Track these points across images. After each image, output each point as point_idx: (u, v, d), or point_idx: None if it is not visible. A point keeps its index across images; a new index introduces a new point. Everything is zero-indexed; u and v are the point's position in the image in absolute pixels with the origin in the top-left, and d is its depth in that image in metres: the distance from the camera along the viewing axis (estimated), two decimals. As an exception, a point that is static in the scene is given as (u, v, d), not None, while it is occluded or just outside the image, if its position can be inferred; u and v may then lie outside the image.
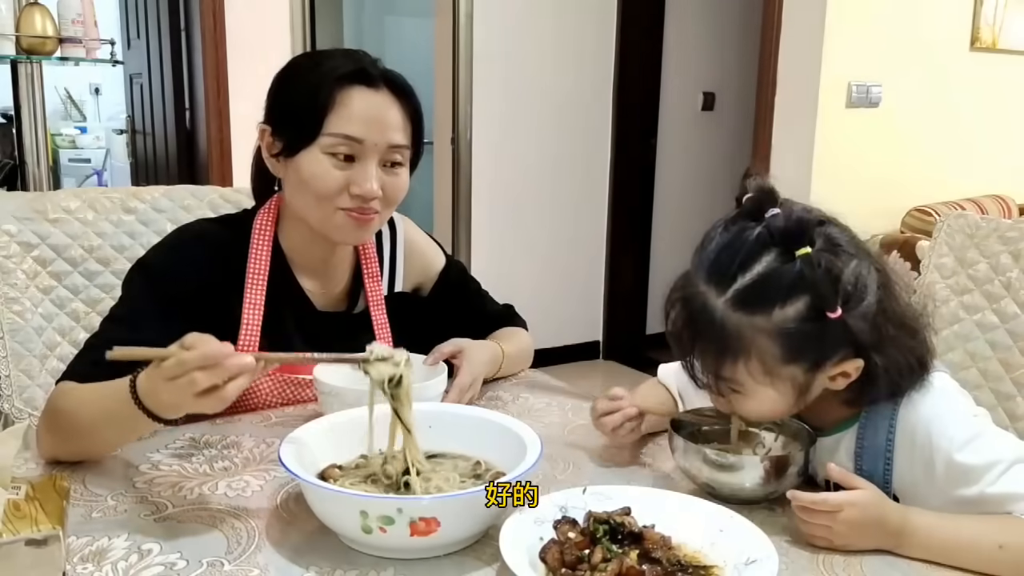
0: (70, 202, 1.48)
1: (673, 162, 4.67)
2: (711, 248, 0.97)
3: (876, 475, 1.00)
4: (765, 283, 0.92)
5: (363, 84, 1.22)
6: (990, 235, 1.37)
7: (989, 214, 3.68)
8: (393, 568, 0.86)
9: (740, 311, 0.93)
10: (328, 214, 1.23)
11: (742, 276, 0.93)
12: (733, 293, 0.93)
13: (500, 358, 1.39)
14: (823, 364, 0.95)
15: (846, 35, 3.47)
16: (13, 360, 1.39)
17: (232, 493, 1.02)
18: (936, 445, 0.95)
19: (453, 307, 1.48)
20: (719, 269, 0.95)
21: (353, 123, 1.20)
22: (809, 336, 0.92)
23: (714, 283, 0.94)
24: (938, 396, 0.98)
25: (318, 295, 1.35)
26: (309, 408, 1.29)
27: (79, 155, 6.05)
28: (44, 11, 2.75)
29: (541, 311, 3.94)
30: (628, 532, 0.86)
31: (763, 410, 1.00)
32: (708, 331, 0.95)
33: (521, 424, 1.01)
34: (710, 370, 0.97)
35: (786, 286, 0.91)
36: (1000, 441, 0.95)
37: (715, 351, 0.95)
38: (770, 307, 0.92)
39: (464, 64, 3.93)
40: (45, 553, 0.80)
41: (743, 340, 0.93)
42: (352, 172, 1.21)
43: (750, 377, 0.95)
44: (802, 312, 0.92)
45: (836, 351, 0.94)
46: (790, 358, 0.93)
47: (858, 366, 0.95)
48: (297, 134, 1.21)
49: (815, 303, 0.91)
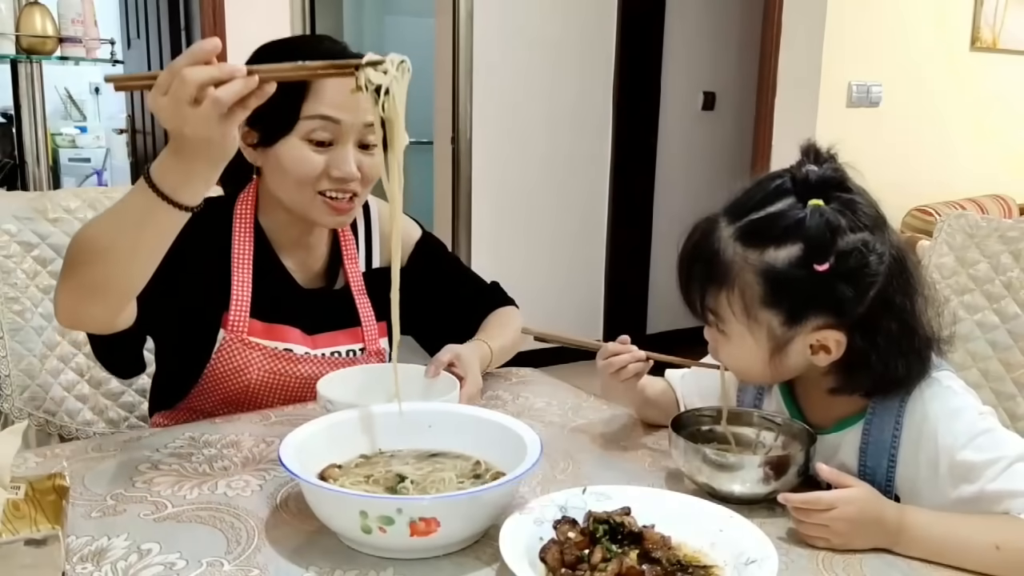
0: (70, 202, 1.49)
1: (673, 162, 4.67)
2: (745, 187, 1.01)
3: (879, 472, 1.00)
4: (769, 222, 0.95)
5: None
6: (990, 235, 1.37)
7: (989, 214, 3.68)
8: (393, 568, 0.86)
9: (739, 242, 0.97)
10: (308, 199, 1.25)
11: (755, 213, 0.96)
12: (741, 225, 0.97)
13: (488, 357, 1.38)
14: (800, 321, 0.96)
15: (846, 35, 3.47)
16: (13, 360, 1.39)
17: (232, 493, 1.02)
18: (941, 443, 0.95)
19: (434, 277, 1.47)
20: (739, 204, 0.99)
21: (329, 105, 1.21)
22: (792, 282, 0.94)
23: (730, 215, 0.99)
24: (946, 394, 0.98)
25: (299, 272, 1.37)
26: (309, 407, 1.29)
27: (79, 155, 6.04)
28: (44, 11, 2.75)
29: (541, 311, 3.93)
30: (628, 532, 0.86)
31: (741, 357, 1.01)
32: (707, 255, 0.99)
33: (521, 424, 1.01)
34: (699, 295, 1.00)
35: (785, 228, 0.94)
36: (1004, 439, 0.95)
37: (706, 276, 0.99)
38: (766, 245, 0.95)
39: (464, 64, 3.93)
40: (44, 553, 0.80)
41: (732, 271, 0.96)
42: (331, 156, 1.23)
43: (731, 313, 0.98)
44: (793, 257, 0.94)
45: (815, 310, 0.95)
46: (769, 300, 0.96)
47: (838, 340, 0.96)
48: (274, 123, 1.22)
49: (807, 251, 0.93)
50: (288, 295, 1.35)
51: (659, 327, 4.67)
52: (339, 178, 1.23)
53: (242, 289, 1.29)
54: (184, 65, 0.85)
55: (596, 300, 4.58)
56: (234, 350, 1.28)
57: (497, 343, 1.41)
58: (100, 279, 1.01)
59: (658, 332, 4.65)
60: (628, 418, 1.30)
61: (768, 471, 0.99)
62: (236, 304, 1.28)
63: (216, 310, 1.28)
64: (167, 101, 0.87)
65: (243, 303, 1.29)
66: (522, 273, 4.20)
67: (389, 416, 1.06)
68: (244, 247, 1.31)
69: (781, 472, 0.99)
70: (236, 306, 1.28)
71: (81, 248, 1.01)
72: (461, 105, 3.96)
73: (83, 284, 1.02)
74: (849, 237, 0.93)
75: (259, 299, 1.30)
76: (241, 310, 1.29)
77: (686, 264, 1.03)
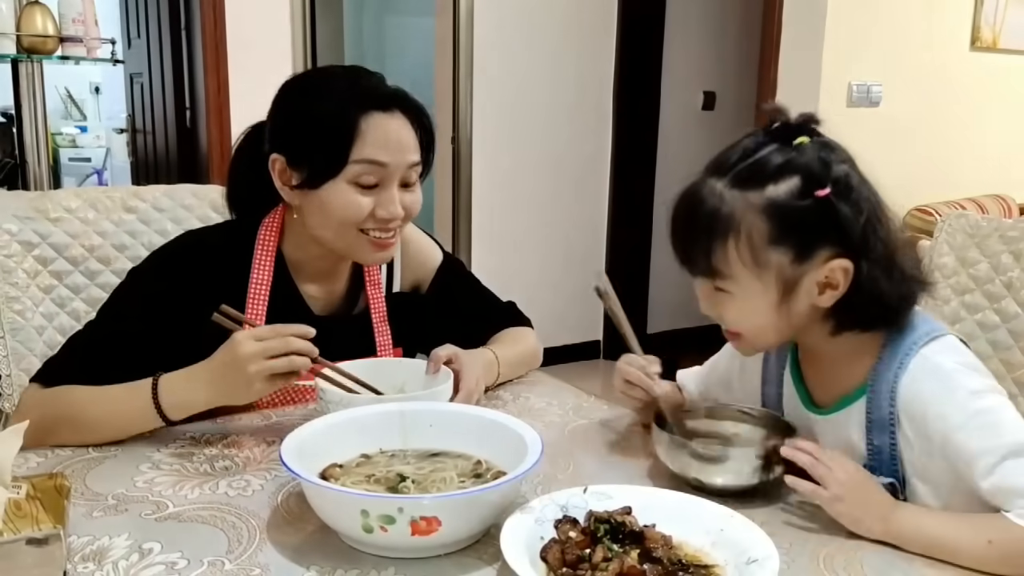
0: (71, 201, 1.48)
1: (673, 162, 4.66)
2: (715, 155, 1.02)
3: (884, 449, 1.02)
4: (761, 164, 0.97)
5: (379, 109, 1.22)
6: (991, 235, 1.37)
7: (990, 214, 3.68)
8: (394, 567, 0.86)
9: (735, 188, 0.97)
10: (352, 239, 1.25)
11: (743, 163, 0.98)
12: (730, 176, 0.98)
13: (495, 364, 1.38)
14: (810, 255, 0.97)
15: (846, 35, 3.47)
16: (14, 359, 1.39)
17: (233, 492, 1.02)
18: (932, 428, 0.97)
19: (454, 303, 1.47)
20: (723, 161, 1.00)
21: (378, 149, 1.21)
22: (797, 213, 0.96)
23: (716, 172, 1.00)
24: (936, 372, 0.99)
25: (318, 299, 1.36)
26: (310, 407, 1.29)
27: (79, 154, 6.04)
28: (45, 10, 2.75)
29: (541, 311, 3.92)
30: (629, 531, 0.86)
31: (749, 311, 1.01)
32: (705, 211, 0.98)
33: (522, 423, 1.01)
34: (703, 261, 0.99)
35: (780, 165, 0.96)
36: (996, 422, 0.95)
37: (709, 231, 0.98)
38: (763, 184, 0.96)
39: (464, 64, 3.93)
40: (46, 552, 0.80)
41: (735, 217, 0.96)
42: (376, 198, 1.23)
43: (739, 263, 0.97)
44: (793, 189, 0.96)
45: (822, 240, 0.97)
46: (778, 238, 0.96)
47: (846, 268, 0.97)
48: (321, 167, 1.21)
49: (805, 181, 0.95)
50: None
51: (659, 327, 4.67)
52: (384, 219, 1.23)
53: (255, 320, 1.27)
54: (291, 335, 1.09)
55: (596, 300, 4.55)
56: None
57: (502, 353, 1.40)
58: (73, 440, 1.15)
59: (658, 332, 4.65)
60: (629, 418, 1.30)
61: (757, 462, 1.01)
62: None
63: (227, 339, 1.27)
64: (259, 347, 1.07)
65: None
66: (522, 273, 4.20)
67: (390, 415, 1.06)
68: (263, 276, 1.30)
69: (768, 462, 1.01)
70: None
71: (67, 422, 1.14)
72: (461, 105, 3.96)
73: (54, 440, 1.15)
74: (839, 165, 0.97)
75: None
76: None
77: (684, 228, 1.02)
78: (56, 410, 1.15)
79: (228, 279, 1.28)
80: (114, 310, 1.26)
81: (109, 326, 1.24)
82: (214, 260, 1.28)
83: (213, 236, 1.34)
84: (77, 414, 1.15)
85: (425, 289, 1.47)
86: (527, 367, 1.49)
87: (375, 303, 1.39)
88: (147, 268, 1.29)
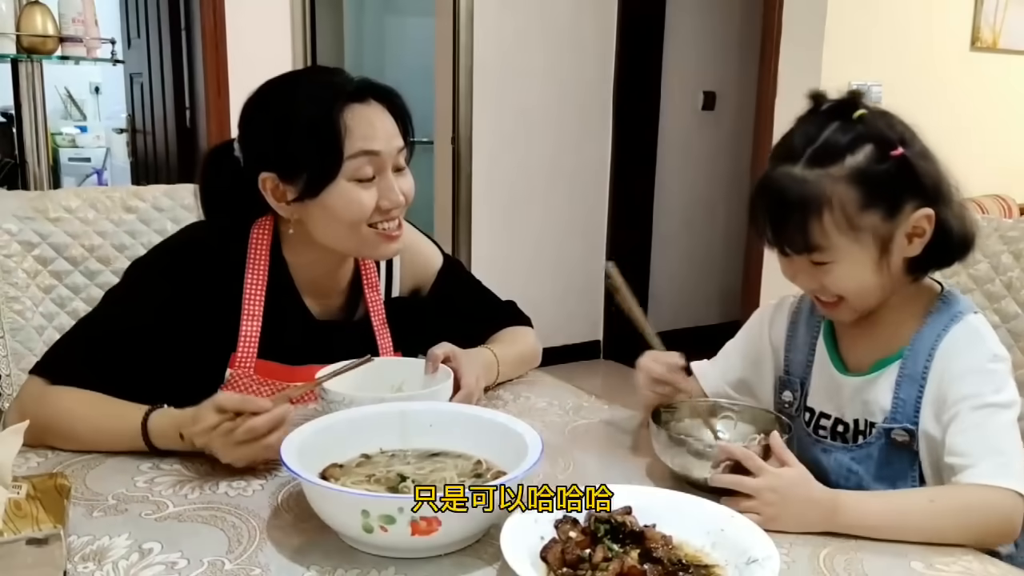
0: (71, 201, 1.49)
1: (673, 162, 4.66)
2: (778, 144, 1.09)
3: (909, 402, 1.08)
4: (832, 142, 1.04)
5: (355, 101, 1.21)
6: (991, 235, 1.37)
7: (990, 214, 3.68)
8: (394, 567, 0.86)
9: (815, 168, 1.03)
10: (361, 236, 1.25)
11: (811, 146, 1.04)
12: (806, 158, 1.04)
13: (494, 363, 1.37)
14: (898, 210, 1.04)
15: (846, 35, 3.46)
16: (14, 359, 1.39)
17: (233, 492, 1.02)
18: (951, 375, 1.05)
19: (454, 304, 1.47)
20: (788, 151, 1.06)
21: (368, 139, 1.20)
22: (881, 176, 1.03)
23: (787, 161, 1.05)
24: (973, 332, 1.08)
25: (318, 305, 1.35)
26: (310, 408, 1.28)
27: (79, 154, 6.04)
28: (45, 10, 2.75)
29: (541, 310, 3.92)
30: (629, 531, 0.86)
31: (852, 275, 1.06)
32: (790, 197, 1.03)
33: (522, 423, 1.01)
34: (801, 240, 1.04)
35: (850, 139, 1.03)
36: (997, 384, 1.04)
37: (800, 214, 1.03)
38: (841, 157, 1.03)
39: (464, 64, 3.93)
40: (46, 552, 0.80)
41: (823, 192, 1.02)
42: (377, 189, 1.23)
43: (836, 231, 1.03)
44: (871, 155, 1.03)
45: (907, 194, 1.04)
46: (868, 201, 1.02)
47: (929, 215, 1.04)
48: (318, 172, 1.20)
49: (879, 146, 1.03)
50: (302, 331, 1.32)
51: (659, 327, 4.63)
52: (387, 208, 1.23)
53: (251, 329, 1.27)
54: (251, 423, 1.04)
55: (596, 300, 4.58)
56: (240, 387, 1.27)
57: (502, 352, 1.40)
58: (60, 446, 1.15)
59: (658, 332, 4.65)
60: (629, 418, 1.30)
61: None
62: (244, 344, 1.27)
63: (224, 350, 1.26)
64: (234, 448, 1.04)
65: (251, 344, 1.27)
66: (522, 273, 4.20)
67: (390, 415, 1.06)
68: (258, 280, 1.29)
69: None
70: (244, 346, 1.27)
71: (57, 429, 1.14)
72: (461, 105, 3.96)
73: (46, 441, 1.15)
74: (901, 127, 1.06)
75: (271, 338, 1.28)
76: (248, 350, 1.27)
77: (774, 215, 1.06)
78: (48, 416, 1.14)
79: (221, 292, 1.27)
80: (118, 305, 1.25)
81: (113, 320, 1.23)
82: (214, 262, 1.28)
83: (214, 236, 1.32)
84: (67, 427, 1.14)
85: (426, 292, 1.47)
86: (527, 366, 1.49)
87: (374, 307, 1.38)
88: (151, 263, 1.28)
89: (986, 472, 0.97)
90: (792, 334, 1.22)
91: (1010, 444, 1.00)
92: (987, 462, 0.98)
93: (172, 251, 1.29)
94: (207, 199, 1.35)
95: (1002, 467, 0.98)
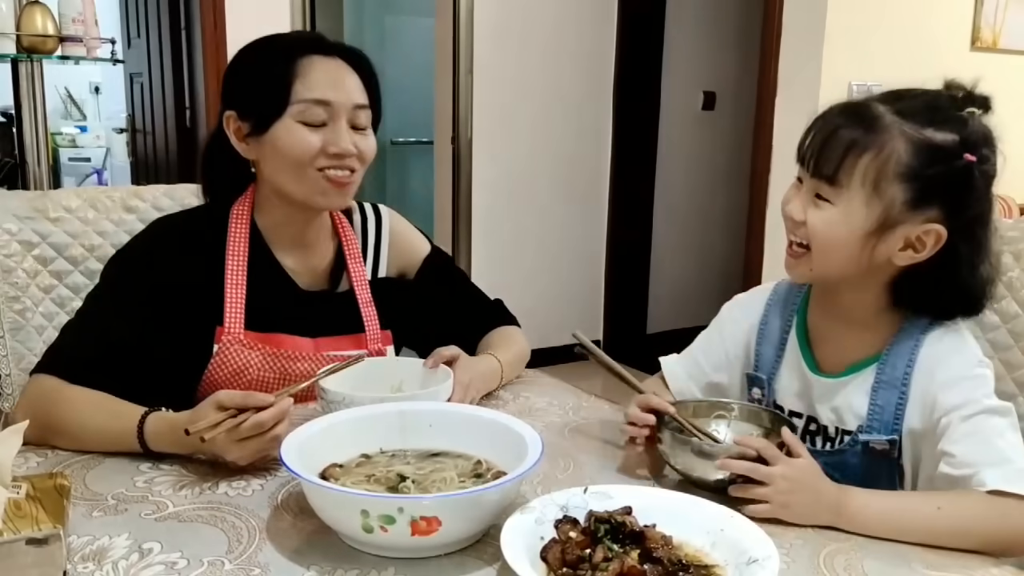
0: (71, 201, 1.49)
1: (673, 162, 4.67)
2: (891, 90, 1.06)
3: (888, 409, 1.05)
4: (932, 104, 1.02)
5: (319, 53, 1.27)
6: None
7: (989, 214, 3.68)
8: (394, 567, 0.86)
9: (898, 116, 1.00)
10: (309, 179, 1.27)
11: (914, 100, 1.02)
12: (901, 106, 1.01)
13: (498, 370, 1.38)
14: (922, 205, 1.00)
15: (846, 35, 3.46)
16: (14, 359, 1.39)
17: (233, 492, 1.02)
18: (937, 382, 1.02)
19: (440, 292, 1.48)
20: (896, 95, 1.03)
21: (319, 87, 1.25)
22: (939, 162, 0.99)
23: (886, 101, 1.02)
24: (955, 337, 1.06)
25: (301, 274, 1.37)
26: (310, 407, 1.28)
27: (79, 154, 6.04)
28: (45, 10, 2.75)
29: (541, 311, 3.94)
30: (629, 531, 0.86)
31: (839, 227, 1.02)
32: (863, 117, 1.01)
33: (522, 423, 1.01)
34: (831, 162, 1.01)
35: (948, 118, 1.01)
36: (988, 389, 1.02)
37: (852, 138, 1.00)
38: (926, 124, 1.00)
39: (464, 64, 3.93)
40: (46, 552, 0.80)
41: (887, 135, 0.99)
42: (326, 135, 1.25)
43: (861, 179, 0.99)
44: (948, 141, 0.99)
45: (940, 199, 1.00)
46: (909, 174, 0.99)
47: (939, 232, 1.01)
48: (267, 107, 1.25)
49: (962, 142, 0.99)
50: (287, 300, 1.34)
51: (659, 327, 4.68)
52: (336, 154, 1.26)
53: (236, 300, 1.28)
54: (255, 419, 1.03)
55: (596, 300, 4.58)
56: (231, 353, 1.27)
57: (504, 357, 1.41)
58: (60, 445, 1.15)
59: (658, 332, 4.66)
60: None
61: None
62: (230, 316, 1.28)
63: (210, 325, 1.28)
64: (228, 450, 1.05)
65: (237, 315, 1.28)
66: (522, 273, 4.20)
67: (390, 415, 1.06)
68: (239, 248, 1.31)
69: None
70: (230, 318, 1.28)
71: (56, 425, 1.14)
72: (461, 105, 3.96)
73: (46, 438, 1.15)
74: (993, 149, 1.04)
75: (256, 308, 1.29)
76: (235, 321, 1.28)
77: (831, 127, 1.03)
78: (58, 415, 1.15)
79: (205, 257, 1.30)
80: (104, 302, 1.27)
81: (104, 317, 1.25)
82: (189, 240, 1.31)
83: (184, 218, 1.37)
84: (75, 427, 1.14)
85: (411, 277, 1.48)
86: (521, 367, 1.50)
87: (358, 280, 1.40)
88: (126, 257, 1.31)
89: (994, 479, 0.94)
90: (764, 325, 1.20)
91: (1014, 449, 0.98)
92: (994, 469, 0.95)
93: (144, 241, 1.32)
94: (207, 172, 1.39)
95: (1016, 473, 0.95)
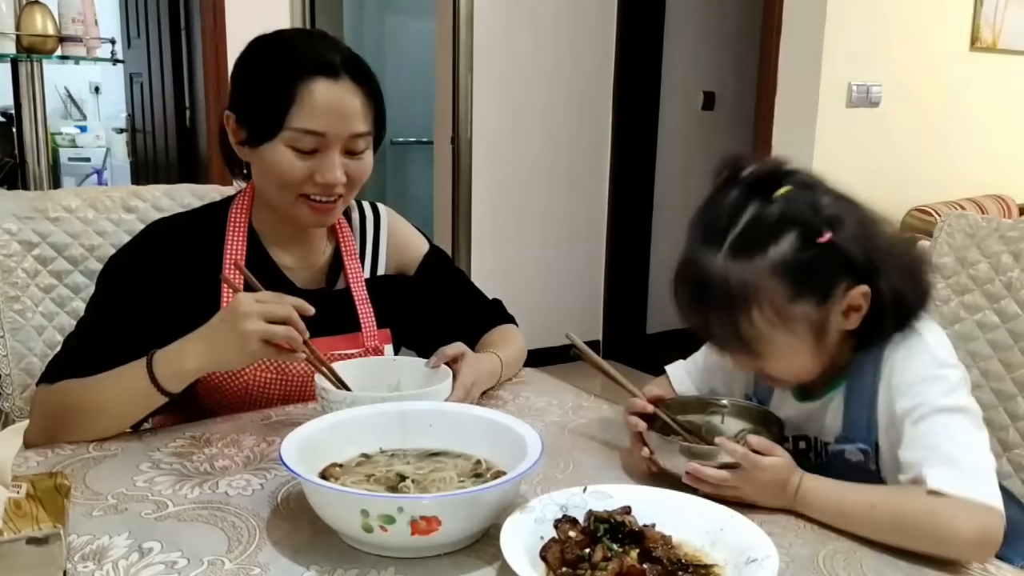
0: (71, 201, 1.49)
1: (673, 162, 4.67)
2: (698, 218, 1.01)
3: (860, 420, 1.04)
4: (754, 228, 0.97)
5: (324, 75, 1.22)
6: (990, 235, 1.37)
7: (989, 214, 3.68)
8: (394, 567, 0.86)
9: (738, 260, 0.97)
10: (291, 201, 1.27)
11: (732, 230, 0.97)
12: (727, 247, 0.97)
13: (499, 368, 1.38)
14: (830, 295, 0.98)
15: (846, 35, 3.47)
16: (14, 359, 1.39)
17: (233, 492, 1.02)
18: (896, 386, 1.01)
19: (439, 291, 1.48)
20: (709, 231, 0.99)
21: (315, 118, 1.22)
22: (808, 265, 0.97)
23: (708, 245, 0.99)
24: (915, 340, 1.02)
25: (297, 272, 1.37)
26: (310, 407, 1.29)
27: (79, 154, 6.04)
28: (45, 10, 2.75)
29: (541, 310, 3.94)
30: (629, 531, 0.86)
31: (791, 364, 1.03)
32: (714, 292, 0.98)
33: (522, 423, 1.01)
34: (730, 335, 1.00)
35: (773, 224, 0.97)
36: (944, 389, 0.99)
37: (727, 310, 0.98)
38: (764, 248, 0.96)
39: (464, 64, 3.93)
40: (46, 551, 0.80)
41: (748, 287, 0.96)
42: (315, 162, 1.24)
43: (767, 325, 0.98)
44: (795, 243, 0.96)
45: (838, 277, 0.98)
46: (797, 293, 0.97)
47: (865, 292, 0.99)
48: (260, 128, 1.24)
49: (804, 232, 0.96)
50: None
51: (659, 327, 4.68)
52: (323, 184, 1.24)
53: (234, 287, 1.28)
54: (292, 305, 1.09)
55: (596, 300, 4.58)
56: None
57: (505, 356, 1.41)
58: (83, 431, 1.15)
59: (658, 332, 4.66)
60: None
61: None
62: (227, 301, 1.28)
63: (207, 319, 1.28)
64: (260, 308, 1.07)
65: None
66: (522, 273, 4.20)
67: (390, 415, 1.06)
68: (236, 246, 1.31)
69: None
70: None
71: (72, 411, 1.15)
72: (461, 105, 3.96)
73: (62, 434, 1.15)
74: (825, 202, 0.98)
75: None
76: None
77: (699, 314, 1.02)
78: (66, 399, 1.16)
79: (203, 255, 1.30)
80: (104, 305, 1.27)
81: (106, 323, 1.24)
82: (187, 239, 1.31)
83: (183, 218, 1.37)
84: (83, 402, 1.15)
85: (410, 274, 1.48)
86: (519, 366, 1.50)
87: (354, 278, 1.39)
88: (121, 261, 1.31)
89: (933, 479, 0.92)
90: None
91: (963, 448, 0.94)
92: (935, 469, 0.92)
93: (140, 243, 1.32)
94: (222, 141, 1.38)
95: (958, 474, 0.91)
